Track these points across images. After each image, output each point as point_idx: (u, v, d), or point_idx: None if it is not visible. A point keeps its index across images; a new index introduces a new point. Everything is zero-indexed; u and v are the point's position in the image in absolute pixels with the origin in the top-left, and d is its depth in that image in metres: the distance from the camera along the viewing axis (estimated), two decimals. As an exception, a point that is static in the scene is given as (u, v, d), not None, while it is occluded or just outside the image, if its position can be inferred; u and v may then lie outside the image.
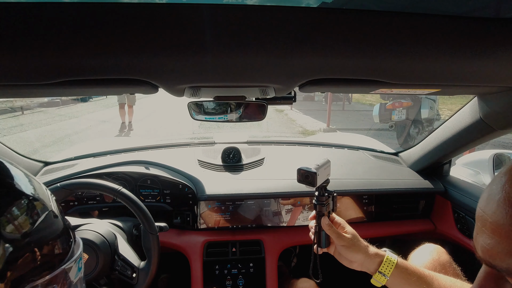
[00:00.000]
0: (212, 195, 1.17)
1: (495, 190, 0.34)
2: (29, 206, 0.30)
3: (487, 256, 0.35)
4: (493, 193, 0.35)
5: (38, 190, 0.33)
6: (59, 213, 0.34)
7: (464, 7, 0.38)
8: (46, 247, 0.31)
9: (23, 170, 0.33)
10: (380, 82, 0.56)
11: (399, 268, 0.73)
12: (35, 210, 0.31)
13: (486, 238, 0.34)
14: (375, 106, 5.39)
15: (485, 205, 0.35)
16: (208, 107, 0.87)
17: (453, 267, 0.94)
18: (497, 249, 0.33)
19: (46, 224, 0.31)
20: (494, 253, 0.34)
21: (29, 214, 0.30)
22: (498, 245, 0.33)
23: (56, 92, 0.71)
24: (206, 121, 0.89)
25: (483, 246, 0.35)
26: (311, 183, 0.73)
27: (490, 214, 0.34)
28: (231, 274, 1.14)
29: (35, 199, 0.32)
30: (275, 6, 0.36)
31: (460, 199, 1.18)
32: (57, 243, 0.32)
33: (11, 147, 1.20)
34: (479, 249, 0.36)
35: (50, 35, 0.37)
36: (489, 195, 0.35)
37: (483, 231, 0.35)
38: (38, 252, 0.29)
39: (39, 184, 0.34)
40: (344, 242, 0.76)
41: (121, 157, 1.35)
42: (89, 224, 0.93)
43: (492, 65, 0.49)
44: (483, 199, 0.36)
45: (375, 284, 0.75)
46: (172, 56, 0.42)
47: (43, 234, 0.31)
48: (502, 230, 0.32)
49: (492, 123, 0.87)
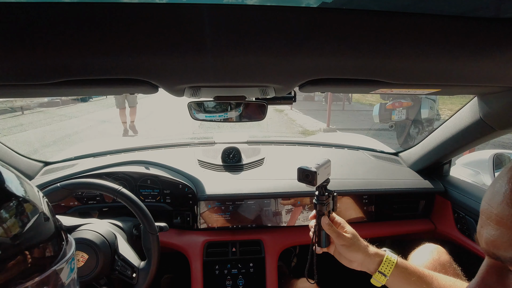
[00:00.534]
0: (212, 195, 1.17)
1: (501, 184, 0.36)
2: (18, 208, 0.30)
3: (491, 247, 0.36)
4: (499, 187, 0.36)
5: (29, 192, 0.32)
6: (51, 215, 0.34)
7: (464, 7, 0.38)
8: (37, 250, 0.30)
9: (14, 172, 0.33)
10: (380, 82, 0.56)
11: (399, 267, 0.73)
12: (25, 212, 0.30)
13: (490, 229, 0.36)
14: (375, 106, 5.39)
15: (490, 198, 0.37)
16: (208, 107, 0.87)
17: (453, 267, 0.94)
18: (502, 240, 0.35)
19: (37, 227, 0.31)
20: (499, 244, 0.35)
21: (19, 217, 0.29)
22: (502, 235, 0.34)
23: (56, 92, 0.71)
24: (206, 121, 0.90)
25: (487, 237, 0.36)
26: (311, 182, 0.73)
27: (496, 206, 0.36)
28: (231, 274, 1.14)
29: (26, 201, 0.31)
30: (275, 6, 0.36)
31: (460, 199, 1.18)
32: (48, 245, 0.31)
33: (11, 147, 1.20)
34: (483, 241, 0.37)
35: (50, 35, 0.37)
36: (494, 190, 0.37)
37: (488, 223, 0.36)
38: (28, 255, 0.29)
39: (30, 186, 0.34)
40: (344, 242, 0.76)
41: (121, 157, 1.35)
42: (89, 224, 0.93)
43: (492, 65, 0.49)
44: (489, 193, 0.38)
45: (375, 284, 0.75)
46: (172, 56, 0.42)
47: (33, 237, 0.30)
48: (507, 221, 0.34)
49: (492, 123, 0.87)
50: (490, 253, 0.37)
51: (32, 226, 0.30)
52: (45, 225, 0.32)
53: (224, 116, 0.87)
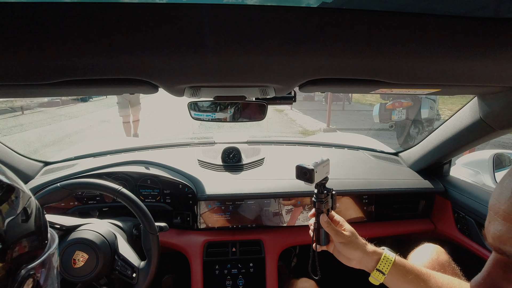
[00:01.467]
0: (212, 195, 1.17)
1: (510, 181, 0.37)
2: None
3: (497, 242, 0.37)
4: (507, 184, 0.37)
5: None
6: (34, 215, 0.33)
7: (464, 7, 0.38)
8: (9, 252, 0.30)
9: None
10: (380, 82, 0.56)
11: (397, 265, 0.74)
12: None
13: (498, 225, 0.37)
14: (375, 106, 5.39)
15: (499, 194, 0.38)
16: (208, 107, 0.87)
17: (452, 266, 0.94)
18: (508, 235, 0.35)
19: (12, 228, 0.30)
20: (505, 239, 0.36)
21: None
22: (509, 231, 0.35)
23: (56, 92, 0.71)
24: (206, 120, 0.89)
25: (494, 232, 0.37)
26: (308, 179, 0.74)
27: (503, 202, 0.36)
28: (231, 274, 1.14)
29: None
30: (275, 6, 0.36)
31: (460, 199, 1.18)
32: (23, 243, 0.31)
33: (11, 147, 1.20)
34: (490, 236, 0.38)
35: (50, 35, 0.37)
36: (503, 186, 0.38)
37: (495, 219, 0.37)
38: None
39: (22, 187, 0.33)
40: (343, 239, 0.76)
41: (121, 157, 1.35)
42: (89, 224, 0.93)
43: (492, 65, 0.49)
44: (497, 190, 0.39)
45: (373, 282, 0.76)
46: (172, 56, 0.42)
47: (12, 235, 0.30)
48: None
49: (492, 123, 0.87)
50: (496, 248, 0.38)
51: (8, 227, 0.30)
52: (22, 226, 0.32)
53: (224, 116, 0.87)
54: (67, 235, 0.89)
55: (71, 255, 0.85)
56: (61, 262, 0.84)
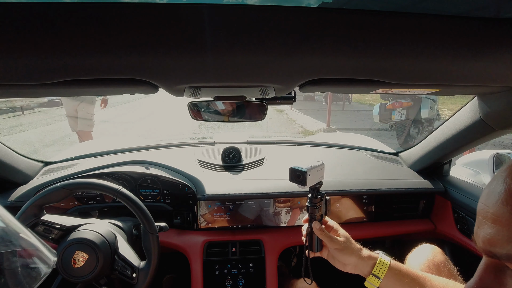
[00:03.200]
0: (212, 195, 1.17)
1: (496, 184, 0.37)
2: None
3: (488, 245, 0.37)
4: (494, 187, 0.37)
5: None
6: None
7: (464, 7, 0.38)
8: None
9: None
10: (380, 82, 0.56)
11: (392, 270, 0.74)
12: None
13: (487, 228, 0.37)
14: (375, 106, 5.39)
15: (486, 198, 0.38)
16: (208, 107, 0.87)
17: (448, 267, 0.94)
18: (497, 237, 0.36)
19: None
20: (495, 241, 0.36)
21: None
22: (498, 233, 0.36)
23: (56, 92, 0.71)
24: (206, 120, 0.89)
25: (484, 236, 0.37)
26: (301, 182, 0.74)
27: (491, 206, 0.37)
28: (231, 274, 1.14)
29: None
30: (275, 6, 0.36)
31: (460, 199, 1.18)
32: None
33: (11, 147, 1.20)
34: (481, 241, 0.38)
35: (50, 35, 0.37)
36: (490, 190, 0.38)
37: (484, 223, 0.37)
38: None
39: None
40: (337, 245, 0.76)
41: (121, 157, 1.35)
42: (89, 224, 0.93)
43: (492, 65, 0.49)
44: (485, 194, 0.39)
45: (368, 287, 0.76)
46: (172, 56, 0.42)
47: None
48: (503, 219, 0.35)
49: (492, 123, 0.87)
50: (487, 252, 0.38)
51: None
52: None
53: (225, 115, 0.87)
54: (67, 235, 0.89)
55: (71, 255, 0.85)
56: (61, 262, 0.85)
